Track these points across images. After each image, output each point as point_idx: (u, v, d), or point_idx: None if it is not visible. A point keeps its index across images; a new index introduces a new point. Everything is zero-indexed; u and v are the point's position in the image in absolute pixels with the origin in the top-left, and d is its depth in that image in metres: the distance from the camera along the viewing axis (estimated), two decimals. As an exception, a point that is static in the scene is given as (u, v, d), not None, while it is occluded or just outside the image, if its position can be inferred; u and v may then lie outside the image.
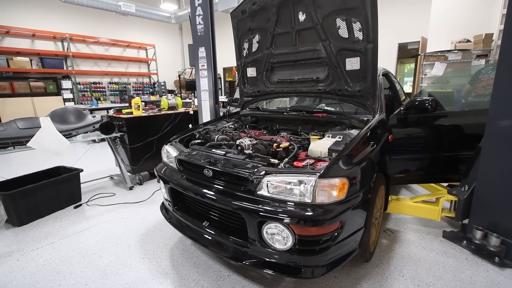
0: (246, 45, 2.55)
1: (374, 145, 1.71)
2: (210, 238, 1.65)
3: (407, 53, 7.97)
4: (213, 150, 1.82)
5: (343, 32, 1.95)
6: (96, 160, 4.70)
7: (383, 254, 1.96)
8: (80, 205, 2.89)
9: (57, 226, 2.48)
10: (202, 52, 3.39)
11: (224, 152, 1.72)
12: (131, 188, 3.30)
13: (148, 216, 2.61)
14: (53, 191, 2.69)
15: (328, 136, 1.79)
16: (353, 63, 2.01)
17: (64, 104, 8.06)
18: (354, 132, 1.83)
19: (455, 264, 1.84)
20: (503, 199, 1.81)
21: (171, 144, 2.10)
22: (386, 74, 2.79)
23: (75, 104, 8.36)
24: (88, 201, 2.98)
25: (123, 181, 3.38)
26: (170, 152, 2.00)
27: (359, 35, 1.88)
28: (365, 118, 1.97)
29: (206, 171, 1.63)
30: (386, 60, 6.83)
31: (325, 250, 1.34)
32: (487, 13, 4.76)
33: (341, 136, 1.73)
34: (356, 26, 1.88)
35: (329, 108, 2.55)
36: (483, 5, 4.75)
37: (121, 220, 2.55)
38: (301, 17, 2.10)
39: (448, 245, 2.06)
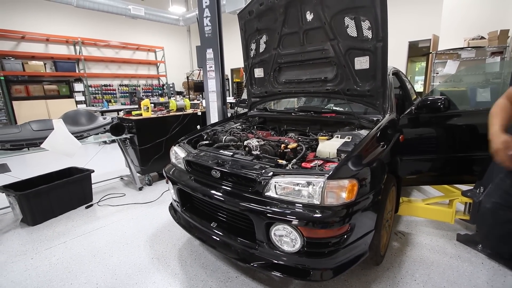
0: (253, 46, 2.54)
1: (384, 145, 1.67)
2: (218, 239, 1.65)
3: (418, 51, 7.80)
4: (221, 151, 1.82)
5: (352, 31, 1.92)
6: (107, 161, 4.79)
7: (394, 258, 1.91)
8: (92, 205, 2.95)
9: (70, 225, 2.53)
10: (209, 53, 3.40)
11: (231, 153, 1.72)
12: (140, 189, 3.34)
13: (157, 217, 2.64)
14: (66, 191, 2.76)
15: (337, 137, 1.77)
16: (362, 62, 1.97)
17: (76, 106, 8.28)
18: (364, 132, 1.80)
19: (470, 268, 1.78)
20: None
21: (179, 145, 2.12)
22: (397, 73, 2.73)
23: (86, 106, 8.56)
24: (99, 201, 3.04)
25: (132, 182, 3.43)
26: (178, 153, 2.01)
27: (368, 33, 1.85)
28: (375, 118, 1.94)
29: (214, 172, 1.63)
30: (396, 58, 6.70)
31: (334, 252, 1.32)
32: (502, 9, 4.60)
33: (350, 137, 1.71)
34: (365, 24, 1.84)
35: (337, 108, 2.51)
36: (497, 0, 4.61)
37: (130, 220, 2.59)
38: (309, 16, 2.08)
39: (462, 248, 2.00)
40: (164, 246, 2.15)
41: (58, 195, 2.69)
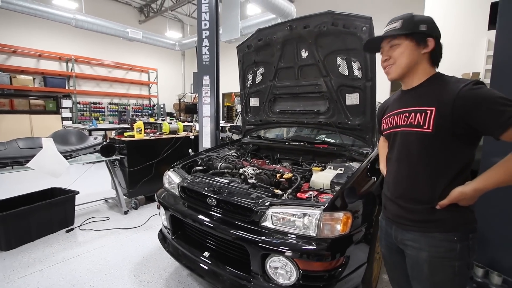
0: (250, 77, 2.67)
1: (374, 178, 1.74)
2: (209, 269, 1.61)
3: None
4: (217, 178, 1.83)
5: (343, 70, 2.08)
6: (91, 182, 4.61)
7: (385, 291, 1.91)
8: (73, 229, 2.79)
9: (47, 251, 2.37)
10: (206, 80, 3.51)
11: (228, 181, 1.73)
12: (126, 213, 3.22)
13: (143, 243, 2.53)
14: (47, 213, 2.61)
15: (330, 168, 1.83)
16: (352, 99, 2.11)
17: (62, 123, 8.07)
18: (355, 164, 1.88)
19: (458, 303, 1.80)
20: (503, 236, 1.83)
21: (173, 170, 2.11)
22: (382, 108, 2.91)
23: (73, 123, 8.37)
24: (81, 225, 2.88)
25: (118, 205, 3.31)
26: (172, 178, 2.00)
27: (358, 73, 2.00)
28: (364, 151, 2.03)
29: (210, 200, 1.63)
30: (381, 92, 7.12)
31: (329, 286, 1.32)
32: (472, 54, 5.11)
33: (343, 169, 1.77)
34: (356, 65, 2.01)
35: (329, 140, 2.61)
36: (469, 46, 5.11)
37: (114, 247, 2.46)
38: (304, 54, 2.24)
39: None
40: (150, 276, 2.04)
41: (38, 218, 2.54)
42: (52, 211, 2.66)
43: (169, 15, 10.04)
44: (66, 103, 8.43)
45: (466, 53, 5.13)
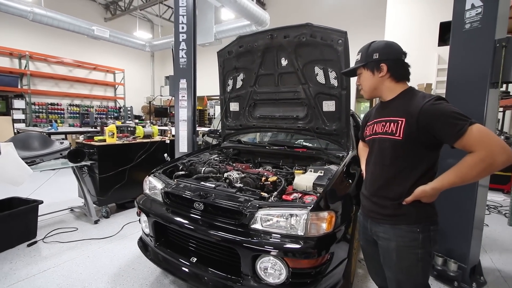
0: (230, 82, 2.70)
1: (351, 180, 1.89)
2: (197, 274, 1.60)
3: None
4: (202, 183, 1.83)
5: (321, 79, 2.21)
6: (52, 190, 4.22)
7: (361, 284, 2.06)
8: (35, 242, 2.54)
9: (6, 268, 2.14)
10: (183, 83, 3.47)
11: (213, 185, 1.74)
12: (96, 222, 3.01)
13: (119, 253, 2.40)
14: (4, 226, 2.36)
15: (311, 171, 1.93)
16: (329, 105, 2.26)
17: (13, 125, 7.27)
18: (333, 167, 2.01)
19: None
20: (456, 227, 2.09)
21: (154, 176, 2.05)
22: (353, 115, 3.13)
23: (26, 125, 7.60)
24: (44, 237, 2.64)
25: (87, 214, 3.09)
26: (154, 184, 1.95)
27: (334, 82, 2.15)
28: (340, 154, 2.18)
29: (197, 205, 1.62)
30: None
31: (316, 282, 1.40)
32: (427, 66, 5.73)
33: (323, 171, 1.89)
34: (332, 74, 2.16)
35: (308, 144, 2.74)
36: (422, 61, 5.73)
37: (86, 259, 2.30)
38: (284, 62, 2.34)
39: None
40: (129, 287, 1.95)
41: (-6, 232, 2.28)
42: (10, 224, 2.40)
43: (138, 15, 9.66)
44: (19, 103, 7.64)
45: (420, 67, 5.74)
